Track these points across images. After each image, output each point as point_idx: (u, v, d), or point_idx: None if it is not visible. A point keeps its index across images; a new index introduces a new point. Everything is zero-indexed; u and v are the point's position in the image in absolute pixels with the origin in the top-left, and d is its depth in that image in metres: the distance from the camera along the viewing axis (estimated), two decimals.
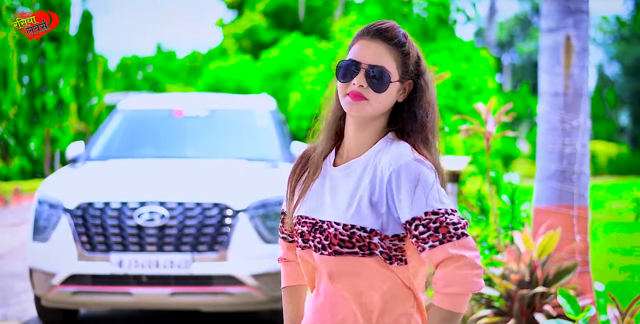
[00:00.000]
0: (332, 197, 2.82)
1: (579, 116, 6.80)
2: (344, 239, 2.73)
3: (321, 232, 2.79)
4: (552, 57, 6.85)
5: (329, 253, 2.76)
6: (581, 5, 6.81)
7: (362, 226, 2.72)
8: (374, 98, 2.75)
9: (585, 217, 6.87)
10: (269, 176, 8.44)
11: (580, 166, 6.82)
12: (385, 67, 2.76)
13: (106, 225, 7.60)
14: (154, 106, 10.07)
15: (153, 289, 7.57)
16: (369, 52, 2.78)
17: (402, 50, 2.81)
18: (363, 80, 2.75)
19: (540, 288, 5.66)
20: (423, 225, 2.67)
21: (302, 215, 2.88)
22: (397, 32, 2.83)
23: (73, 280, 7.65)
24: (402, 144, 2.79)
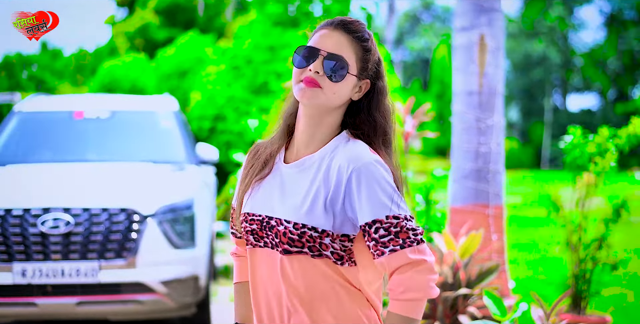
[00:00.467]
0: (283, 194, 2.75)
1: (493, 114, 6.79)
2: (293, 238, 2.67)
3: (270, 229, 2.73)
4: (466, 56, 6.82)
5: (280, 251, 2.70)
6: (494, 4, 6.80)
7: (313, 225, 2.65)
8: (329, 87, 2.69)
9: (501, 216, 6.87)
10: (176, 179, 8.21)
11: (495, 165, 6.82)
12: (344, 57, 2.70)
13: (7, 233, 7.25)
14: (52, 107, 9.70)
15: (59, 299, 7.27)
16: (330, 41, 2.71)
17: (364, 45, 2.76)
18: (320, 67, 2.69)
19: (464, 289, 5.60)
20: (384, 229, 2.62)
21: (249, 212, 2.81)
22: (361, 27, 2.77)
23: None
24: (360, 143, 2.73)
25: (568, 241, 7.30)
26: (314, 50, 2.70)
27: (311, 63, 2.69)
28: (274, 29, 11.62)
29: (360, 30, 2.75)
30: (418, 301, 2.61)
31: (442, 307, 5.66)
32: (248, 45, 11.68)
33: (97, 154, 8.89)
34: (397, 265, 2.60)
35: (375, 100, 2.79)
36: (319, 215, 2.66)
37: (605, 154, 7.11)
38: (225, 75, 11.58)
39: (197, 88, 12.67)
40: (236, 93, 11.13)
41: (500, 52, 6.84)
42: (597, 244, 7.21)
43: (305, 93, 2.68)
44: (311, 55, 2.70)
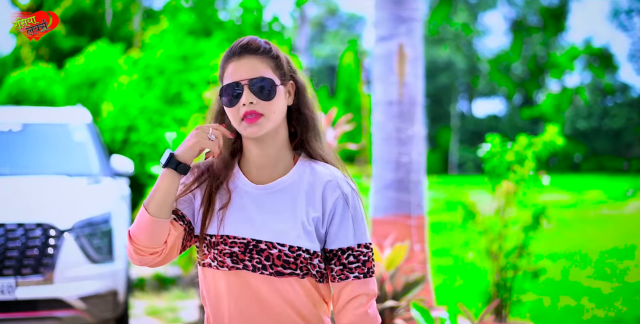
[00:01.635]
0: (264, 217, 2.79)
1: (414, 124, 6.80)
2: (288, 261, 2.74)
3: (259, 252, 2.76)
4: (386, 66, 6.83)
5: (269, 272, 2.74)
6: (412, 14, 6.81)
7: (307, 248, 2.74)
8: (268, 109, 2.76)
9: (423, 227, 6.88)
10: (92, 192, 8.07)
11: (417, 175, 6.83)
12: (263, 75, 2.76)
13: None
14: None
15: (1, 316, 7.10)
16: (242, 69, 2.76)
17: (271, 55, 2.82)
18: (251, 96, 2.74)
19: (390, 301, 5.59)
20: (354, 256, 2.77)
21: (230, 235, 2.79)
22: (258, 42, 2.83)
23: None
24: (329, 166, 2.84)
25: (488, 249, 7.34)
26: (236, 85, 2.75)
27: (240, 97, 2.73)
28: (186, 38, 11.51)
29: (259, 45, 2.80)
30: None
31: None
32: (160, 55, 11.55)
33: (11, 168, 8.69)
34: (357, 293, 2.76)
35: (301, 97, 2.88)
36: (309, 238, 2.75)
37: (524, 163, 7.18)
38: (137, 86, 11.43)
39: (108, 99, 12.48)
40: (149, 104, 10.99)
41: (420, 61, 6.87)
42: (517, 252, 7.28)
43: (253, 129, 2.73)
44: (236, 91, 2.75)
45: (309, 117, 2.88)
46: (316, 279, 2.79)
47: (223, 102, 2.79)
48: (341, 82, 42.43)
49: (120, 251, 7.72)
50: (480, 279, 10.30)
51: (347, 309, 2.76)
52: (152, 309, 9.64)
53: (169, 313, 9.43)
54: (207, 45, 11.20)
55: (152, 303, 10.08)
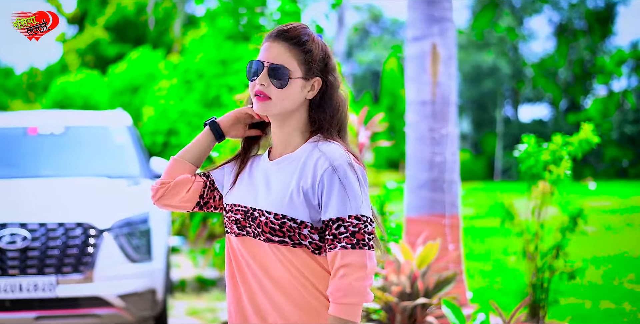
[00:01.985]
0: (265, 188, 2.98)
1: (447, 124, 6.83)
2: (274, 228, 2.89)
3: (253, 220, 2.95)
4: (419, 66, 6.86)
5: (263, 239, 2.91)
6: (445, 14, 6.85)
7: (292, 217, 2.88)
8: (276, 95, 2.95)
9: (458, 226, 6.90)
10: (131, 193, 8.21)
11: (450, 174, 6.85)
12: (284, 64, 2.94)
13: None
14: (6, 124, 9.65)
15: (17, 314, 7.26)
16: (271, 52, 2.96)
17: (303, 49, 2.98)
18: (266, 79, 2.95)
19: (422, 299, 5.63)
20: (344, 227, 2.83)
21: (235, 203, 3.03)
22: (299, 32, 3.01)
23: None
24: (334, 143, 2.95)
25: (525, 250, 7.33)
26: (259, 63, 2.96)
27: (258, 76, 2.95)
28: (225, 43, 11.63)
29: (297, 35, 2.99)
30: (357, 305, 2.82)
31: (401, 317, 5.68)
32: (200, 60, 11.68)
33: (52, 170, 8.86)
34: (343, 263, 2.81)
35: (327, 95, 3.02)
36: (297, 207, 2.88)
37: (560, 162, 7.17)
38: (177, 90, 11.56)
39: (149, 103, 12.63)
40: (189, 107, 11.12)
41: (453, 61, 6.90)
42: (554, 253, 7.26)
43: (259, 106, 2.96)
44: (257, 69, 2.96)
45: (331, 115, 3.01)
46: (311, 251, 2.90)
47: (246, 73, 3.03)
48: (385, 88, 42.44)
49: (158, 251, 7.83)
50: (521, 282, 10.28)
51: (333, 279, 2.83)
52: (192, 309, 9.76)
53: (209, 313, 9.54)
54: (246, 50, 11.29)
55: (192, 303, 10.20)
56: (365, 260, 2.82)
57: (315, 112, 3.01)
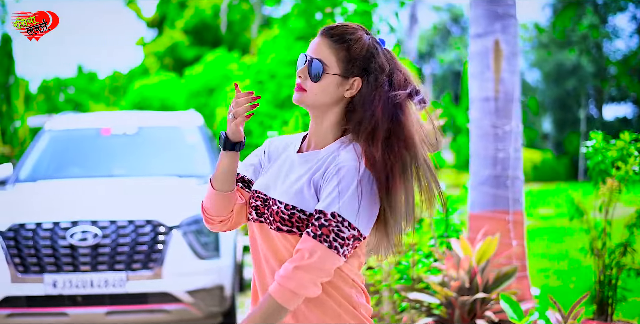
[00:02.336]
0: (284, 179, 3.07)
1: (511, 120, 6.82)
2: (284, 218, 2.97)
3: (269, 208, 3.04)
4: (482, 63, 6.86)
5: (274, 227, 3.00)
6: (508, 10, 6.84)
7: (302, 208, 2.96)
8: (311, 88, 3.03)
9: (522, 222, 6.88)
10: (200, 192, 8.34)
11: (514, 171, 6.84)
12: (322, 59, 3.02)
13: (39, 246, 7.48)
14: (80, 125, 9.91)
15: (89, 309, 7.47)
16: (314, 46, 3.05)
17: (344, 46, 3.03)
18: (304, 71, 3.05)
19: (481, 294, 5.64)
20: (320, 219, 2.89)
21: (257, 189, 3.12)
22: (346, 31, 3.06)
23: (7, 303, 7.52)
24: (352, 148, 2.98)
25: (592, 247, 7.27)
26: (304, 56, 3.07)
27: (300, 68, 3.05)
28: (296, 44, 11.73)
29: (340, 33, 3.05)
30: (292, 292, 2.87)
31: (460, 311, 5.71)
32: (271, 60, 11.80)
33: (124, 169, 9.07)
34: (299, 247, 2.89)
35: (364, 95, 3.02)
36: (306, 199, 2.96)
37: (628, 159, 7.09)
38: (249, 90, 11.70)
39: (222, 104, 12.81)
40: (260, 107, 11.23)
41: (516, 57, 6.88)
42: (621, 249, 7.19)
43: (295, 96, 3.08)
44: (301, 61, 3.08)
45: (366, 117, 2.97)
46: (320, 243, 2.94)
47: None
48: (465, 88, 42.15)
49: (226, 248, 7.96)
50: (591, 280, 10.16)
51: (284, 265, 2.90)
52: None
53: None
54: None
55: None
56: (319, 253, 2.87)
57: (351, 111, 3.04)
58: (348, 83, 3.03)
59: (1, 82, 35.76)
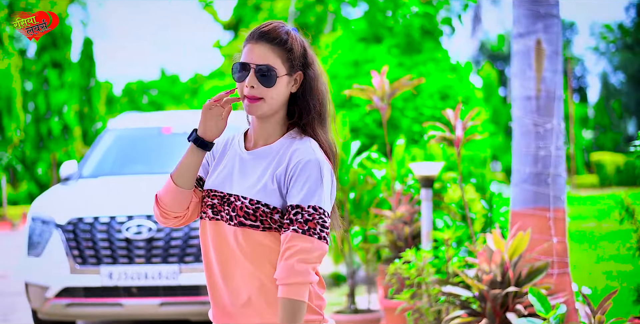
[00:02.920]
0: (241, 176, 3.15)
1: (552, 119, 6.89)
2: (248, 212, 3.06)
3: (229, 204, 3.11)
4: (523, 62, 6.95)
5: (234, 223, 3.08)
6: (551, 10, 6.91)
7: (266, 202, 3.06)
8: (267, 94, 3.08)
9: (563, 219, 6.93)
10: None
11: (555, 169, 6.90)
12: (270, 64, 3.08)
13: (96, 239, 7.80)
14: (142, 124, 10.24)
15: (143, 300, 7.75)
16: (255, 54, 3.11)
17: (285, 47, 3.13)
18: (254, 80, 3.08)
19: (512, 287, 5.74)
20: (301, 214, 3.02)
21: (212, 188, 3.19)
22: (279, 31, 3.15)
23: (66, 293, 7.87)
24: (308, 140, 3.13)
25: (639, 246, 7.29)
26: (245, 65, 3.11)
27: (246, 77, 3.09)
28: (358, 45, 11.91)
29: (278, 35, 3.14)
30: (300, 284, 2.97)
31: (491, 304, 5.81)
32: (333, 61, 12.00)
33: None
34: (289, 244, 2.99)
35: (308, 87, 3.18)
36: (270, 194, 3.07)
37: None
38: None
39: None
40: None
41: (558, 57, 6.95)
42: None
43: (251, 109, 3.11)
44: (244, 70, 3.11)
45: (313, 106, 3.17)
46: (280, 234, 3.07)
47: (233, 75, 3.17)
48: None
49: None
50: None
51: (280, 261, 3.01)
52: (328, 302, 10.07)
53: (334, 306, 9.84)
54: (377, 51, 11.54)
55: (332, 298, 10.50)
56: (311, 246, 3.00)
57: (296, 104, 3.17)
58: (292, 79, 3.15)
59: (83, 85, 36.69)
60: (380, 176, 8.32)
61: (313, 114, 3.17)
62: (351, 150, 8.41)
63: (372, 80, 7.30)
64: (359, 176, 8.37)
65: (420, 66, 11.29)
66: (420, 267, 6.22)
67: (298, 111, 3.18)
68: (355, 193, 8.43)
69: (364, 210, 8.42)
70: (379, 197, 8.35)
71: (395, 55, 11.47)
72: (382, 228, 7.62)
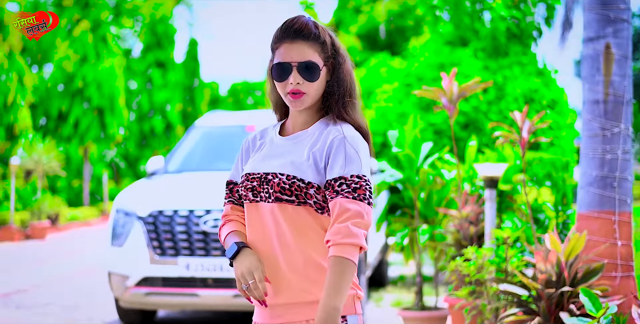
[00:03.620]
0: (278, 157, 3.29)
1: (620, 123, 6.93)
2: (284, 187, 3.19)
3: (267, 182, 3.24)
4: (592, 66, 7.01)
5: (272, 200, 3.22)
6: (621, 14, 6.96)
7: (301, 177, 3.19)
8: (311, 89, 3.27)
9: (629, 223, 6.96)
10: None
11: (622, 172, 6.93)
12: (311, 60, 3.26)
13: (175, 231, 8.10)
14: (228, 122, 10.55)
15: (218, 291, 8.02)
16: (294, 53, 3.28)
17: (319, 41, 3.31)
18: (298, 77, 3.25)
19: (566, 287, 5.82)
20: (346, 184, 3.15)
21: (250, 172, 3.32)
22: (310, 26, 3.31)
23: (146, 282, 8.19)
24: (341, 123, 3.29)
25: None
26: (286, 65, 3.27)
27: (289, 76, 3.26)
28: (444, 48, 12.01)
29: (311, 30, 3.31)
30: (353, 246, 3.07)
31: (546, 303, 5.91)
32: (419, 64, 12.12)
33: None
34: (342, 209, 3.11)
35: (338, 73, 3.34)
36: (306, 170, 3.20)
37: None
38: (397, 93, 12.05)
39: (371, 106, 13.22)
40: (406, 110, 11.58)
41: (628, 61, 6.99)
42: None
43: (296, 104, 3.28)
44: (286, 70, 3.27)
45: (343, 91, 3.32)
46: (314, 209, 3.21)
47: (273, 77, 3.32)
48: None
49: None
50: None
51: (332, 225, 3.11)
52: (397, 301, 10.24)
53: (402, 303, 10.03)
54: (463, 54, 11.63)
55: (401, 296, 10.68)
56: (363, 210, 3.12)
57: (328, 90, 3.33)
58: (328, 69, 3.32)
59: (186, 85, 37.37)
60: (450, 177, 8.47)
61: (345, 99, 3.33)
62: (422, 151, 8.54)
63: (442, 82, 7.47)
64: (429, 176, 8.51)
65: (505, 69, 11.33)
66: (480, 265, 6.35)
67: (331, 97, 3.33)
68: (424, 193, 8.58)
69: (433, 209, 8.58)
70: (449, 197, 8.50)
71: (481, 59, 11.53)
72: (448, 227, 7.77)
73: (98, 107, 27.30)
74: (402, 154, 8.46)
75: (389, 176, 8.60)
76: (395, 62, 18.28)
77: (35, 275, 13.60)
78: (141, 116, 34.42)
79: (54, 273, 13.91)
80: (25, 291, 11.60)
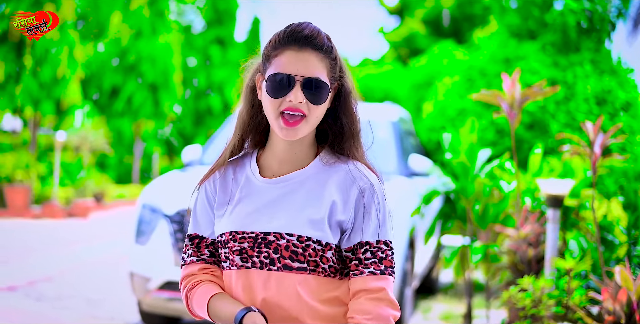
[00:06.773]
0: (275, 209, 2.62)
1: None
2: (297, 252, 2.56)
3: (267, 245, 2.58)
4: None
5: (277, 267, 2.57)
6: None
7: (317, 239, 2.56)
8: (312, 112, 2.54)
9: None
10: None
11: None
12: (320, 77, 2.52)
13: None
14: None
15: None
16: (301, 64, 2.53)
17: (331, 56, 2.58)
18: (300, 95, 2.51)
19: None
20: (371, 252, 2.60)
21: (238, 230, 2.63)
22: (322, 36, 2.57)
23: (169, 286, 7.47)
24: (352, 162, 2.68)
25: None
26: (289, 78, 2.51)
27: (289, 92, 2.52)
28: (510, 41, 11.12)
29: (323, 40, 2.57)
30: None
31: None
32: (484, 57, 11.24)
33: None
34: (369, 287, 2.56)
35: (342, 103, 2.65)
36: (321, 228, 2.57)
37: None
38: (457, 87, 11.18)
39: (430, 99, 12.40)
40: (469, 106, 10.71)
41: None
42: None
43: (289, 133, 2.55)
44: (287, 84, 2.52)
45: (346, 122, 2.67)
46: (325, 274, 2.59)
47: (267, 90, 2.55)
48: None
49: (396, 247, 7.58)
50: None
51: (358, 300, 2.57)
52: (447, 314, 9.44)
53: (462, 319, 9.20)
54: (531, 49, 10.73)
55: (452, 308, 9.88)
56: (391, 288, 2.61)
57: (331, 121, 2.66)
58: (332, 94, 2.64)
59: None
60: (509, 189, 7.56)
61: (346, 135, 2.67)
62: (478, 158, 7.72)
63: (502, 84, 6.57)
64: (485, 187, 7.65)
65: (576, 66, 10.38)
66: (537, 298, 5.51)
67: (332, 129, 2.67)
68: (479, 205, 7.71)
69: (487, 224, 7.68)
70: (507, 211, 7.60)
71: (550, 54, 10.61)
72: (504, 247, 6.87)
73: (152, 83, 26.84)
74: (457, 162, 7.65)
75: (442, 184, 7.80)
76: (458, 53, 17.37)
77: (67, 258, 13.04)
78: (198, 94, 33.89)
79: (86, 257, 13.39)
80: (51, 280, 10.98)
